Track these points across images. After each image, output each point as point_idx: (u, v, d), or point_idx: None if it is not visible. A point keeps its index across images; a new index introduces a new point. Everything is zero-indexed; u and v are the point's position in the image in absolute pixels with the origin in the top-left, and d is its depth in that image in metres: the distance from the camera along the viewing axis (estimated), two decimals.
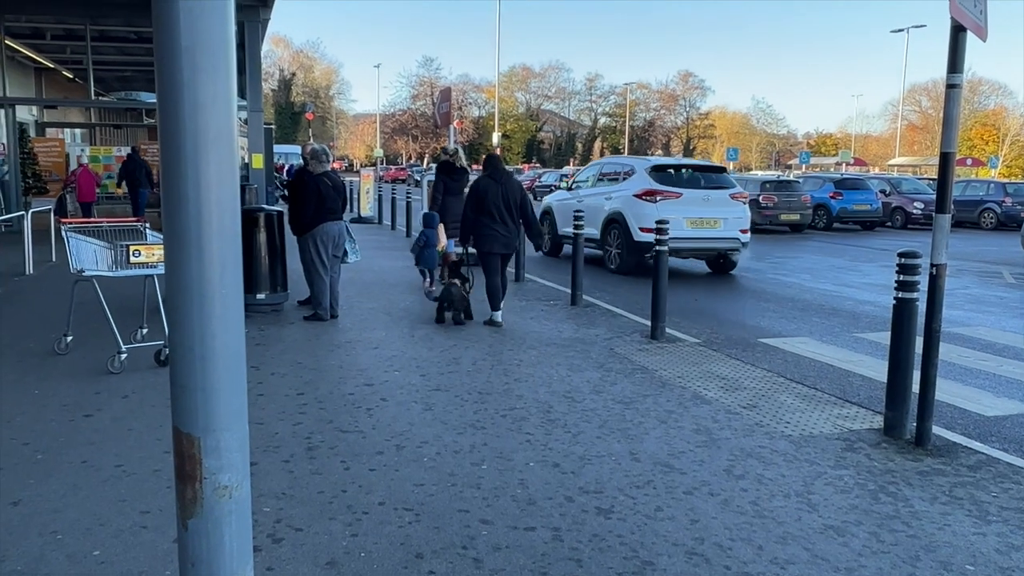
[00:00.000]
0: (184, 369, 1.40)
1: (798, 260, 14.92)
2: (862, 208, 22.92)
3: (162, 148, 1.37)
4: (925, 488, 4.09)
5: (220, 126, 1.37)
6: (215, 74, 1.35)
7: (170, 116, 1.35)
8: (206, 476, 1.41)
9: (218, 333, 1.40)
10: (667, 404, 5.44)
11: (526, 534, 3.47)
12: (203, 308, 1.39)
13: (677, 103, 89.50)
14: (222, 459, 1.42)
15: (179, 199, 1.36)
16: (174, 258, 1.38)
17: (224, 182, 1.39)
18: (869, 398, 5.75)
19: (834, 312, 9.30)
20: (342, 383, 5.78)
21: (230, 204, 1.40)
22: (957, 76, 4.38)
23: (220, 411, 1.42)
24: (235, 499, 1.45)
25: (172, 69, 1.33)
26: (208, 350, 1.40)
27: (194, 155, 1.36)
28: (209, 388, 1.40)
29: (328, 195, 7.90)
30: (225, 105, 1.38)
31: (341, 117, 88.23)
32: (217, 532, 1.43)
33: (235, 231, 1.42)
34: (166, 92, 1.34)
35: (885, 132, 78.71)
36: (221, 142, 1.37)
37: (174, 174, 1.36)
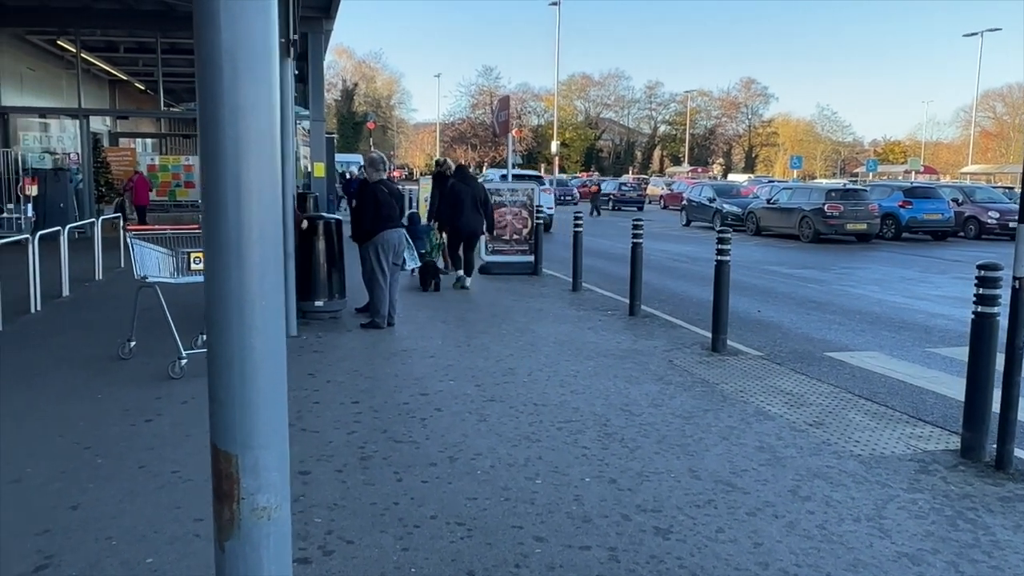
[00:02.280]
0: (222, 383, 1.34)
1: (866, 271, 14.44)
2: (933, 217, 22.12)
3: (201, 153, 1.32)
4: (1008, 515, 3.84)
5: (261, 130, 1.31)
6: (256, 77, 1.30)
7: (210, 120, 1.30)
8: (243, 496, 1.35)
9: (258, 346, 1.34)
10: (728, 419, 5.26)
11: (581, 553, 3.36)
12: (243, 319, 1.33)
13: (739, 111, 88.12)
14: (260, 478, 1.36)
15: (218, 205, 1.31)
16: (213, 267, 1.33)
17: (265, 188, 1.33)
18: (944, 417, 5.47)
19: (904, 325, 8.94)
20: (397, 392, 5.75)
21: (271, 211, 1.34)
22: None
23: (259, 428, 1.36)
24: (274, 521, 1.38)
25: (212, 71, 1.28)
26: (247, 364, 1.34)
27: (235, 160, 1.30)
28: (248, 403, 1.34)
29: (386, 203, 7.91)
30: (267, 109, 1.32)
31: (402, 126, 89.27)
32: (255, 555, 1.37)
33: (276, 239, 1.36)
34: (206, 95, 1.29)
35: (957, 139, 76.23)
36: (262, 147, 1.31)
37: (214, 180, 1.31)
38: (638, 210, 37.30)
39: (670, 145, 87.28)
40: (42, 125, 19.25)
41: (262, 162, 1.32)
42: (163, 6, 16.76)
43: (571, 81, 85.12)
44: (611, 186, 41.19)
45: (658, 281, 12.43)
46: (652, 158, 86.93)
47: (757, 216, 23.10)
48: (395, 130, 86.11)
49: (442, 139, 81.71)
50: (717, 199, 26.27)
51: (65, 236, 9.55)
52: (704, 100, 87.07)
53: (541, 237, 12.75)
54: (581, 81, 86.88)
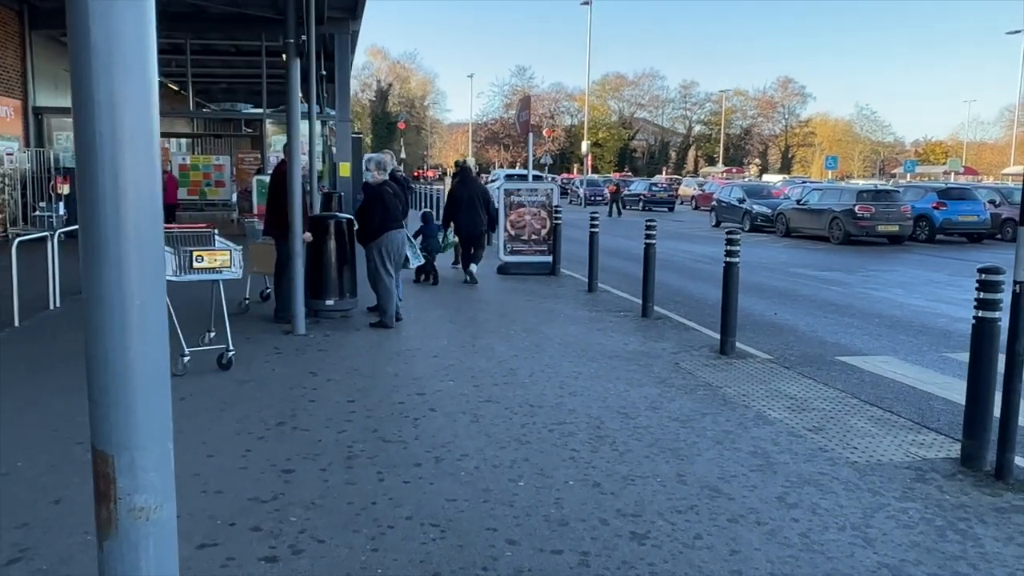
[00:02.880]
0: (98, 384, 1.33)
1: (892, 273, 14.16)
2: (968, 219, 21.61)
3: (76, 150, 1.31)
4: (1001, 527, 3.73)
5: (136, 126, 1.30)
6: (129, 71, 1.28)
7: (83, 115, 1.29)
8: (120, 496, 1.35)
9: (134, 346, 1.33)
10: (726, 424, 5.17)
11: (552, 557, 3.32)
12: (122, 319, 1.33)
13: (775, 110, 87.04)
14: (137, 479, 1.35)
15: (95, 204, 1.30)
16: (90, 266, 1.32)
17: (143, 185, 1.32)
18: (950, 424, 5.33)
19: (924, 329, 8.74)
20: (395, 391, 5.75)
21: (150, 209, 1.34)
22: None
23: (137, 429, 1.35)
24: (153, 521, 1.38)
25: (84, 66, 1.27)
26: (123, 364, 1.33)
27: (111, 157, 1.30)
28: (125, 404, 1.34)
29: (391, 204, 7.93)
30: (143, 103, 1.31)
31: (436, 127, 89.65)
32: (133, 556, 1.36)
33: (156, 237, 1.35)
34: (78, 89, 1.29)
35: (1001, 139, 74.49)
36: (138, 143, 1.31)
37: (89, 177, 1.30)
38: (668, 211, 37.05)
39: (705, 145, 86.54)
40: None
41: (138, 161, 1.31)
42: (193, 8, 17.02)
43: (605, 81, 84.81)
44: (641, 186, 40.94)
45: (678, 282, 12.31)
46: (687, 158, 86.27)
47: (787, 217, 22.78)
48: (429, 130, 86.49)
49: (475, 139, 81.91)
50: (747, 200, 25.96)
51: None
52: (740, 100, 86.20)
53: (560, 237, 12.69)
54: (615, 81, 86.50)
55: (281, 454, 4.42)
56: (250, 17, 16.99)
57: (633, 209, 37.55)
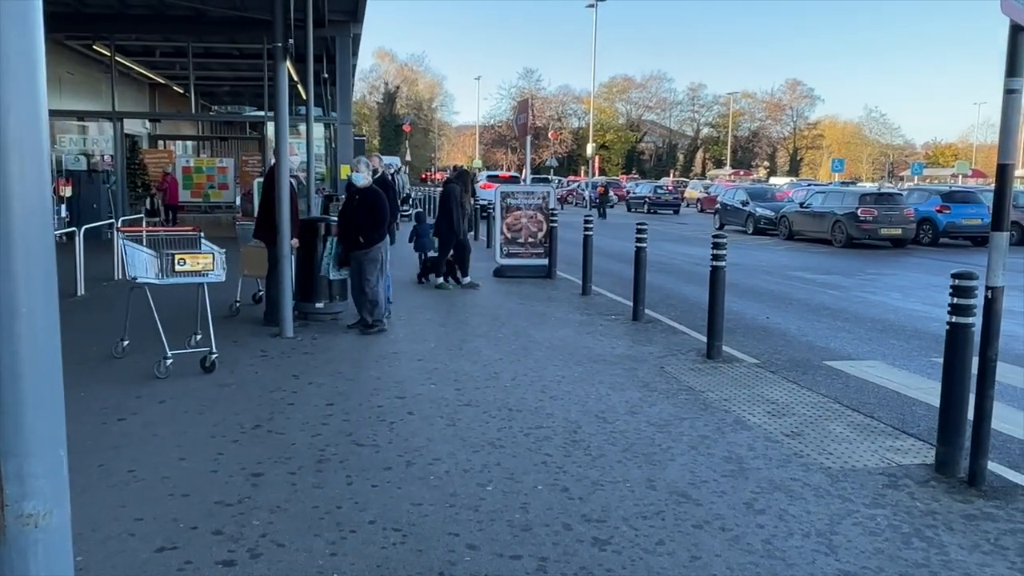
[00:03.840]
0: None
1: (892, 277, 14.09)
2: (972, 223, 21.46)
3: None
4: (967, 534, 3.70)
5: (21, 129, 1.31)
6: (15, 74, 1.29)
7: None
8: (7, 503, 1.35)
9: (24, 353, 1.34)
10: (704, 428, 5.16)
11: (510, 563, 3.32)
12: (11, 328, 1.33)
13: (784, 113, 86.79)
14: (25, 486, 1.35)
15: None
16: None
17: (30, 193, 1.32)
18: (929, 430, 5.28)
19: (916, 334, 8.69)
20: (375, 395, 5.76)
21: (38, 214, 1.34)
22: (1015, 80, 3.97)
23: (24, 436, 1.35)
24: (42, 528, 1.38)
25: None
26: (12, 372, 1.33)
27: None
28: (12, 412, 1.34)
29: (390, 208, 7.93)
30: (29, 107, 1.31)
31: (443, 129, 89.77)
32: (22, 562, 1.36)
33: (46, 244, 1.35)
34: None
35: None
36: (24, 146, 1.31)
37: None
38: (674, 213, 37.00)
39: (713, 148, 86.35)
40: (80, 128, 19.74)
41: (25, 162, 1.31)
42: (193, 11, 17.08)
43: (612, 83, 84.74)
44: (646, 189, 40.90)
45: (675, 286, 12.29)
46: (694, 161, 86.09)
47: (790, 220, 22.71)
48: (436, 133, 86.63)
49: (481, 141, 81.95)
50: (750, 202, 25.88)
51: (81, 236, 9.78)
52: (748, 102, 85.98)
53: (556, 240, 12.69)
54: (622, 83, 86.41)
55: (253, 458, 4.43)
56: (251, 20, 17.05)
57: (639, 211, 37.51)
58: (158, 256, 5.91)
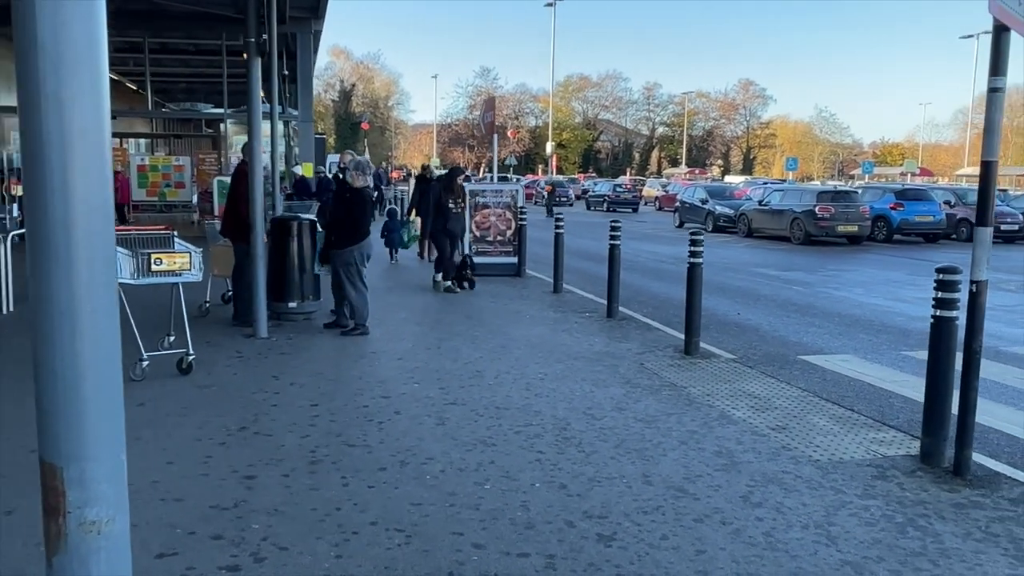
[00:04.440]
0: (47, 392, 1.29)
1: (852, 273, 14.38)
2: (925, 220, 22.04)
3: (23, 149, 1.26)
4: (959, 522, 3.79)
5: (86, 123, 1.25)
6: (78, 67, 1.24)
7: (30, 113, 1.24)
8: (70, 510, 1.30)
9: (86, 352, 1.29)
10: (691, 424, 5.20)
11: (518, 560, 3.30)
12: (71, 325, 1.28)
13: (737, 112, 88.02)
14: (88, 491, 1.30)
15: (43, 203, 1.25)
16: (38, 269, 1.27)
17: (93, 184, 1.27)
18: (909, 422, 5.41)
19: (883, 328, 8.88)
20: (359, 395, 5.69)
21: (101, 209, 1.29)
22: (999, 79, 4.07)
23: (87, 439, 1.30)
24: (105, 535, 1.33)
25: (30, 62, 1.22)
26: (74, 372, 1.28)
27: (59, 155, 1.25)
28: (75, 414, 1.29)
29: (371, 208, 7.85)
30: (92, 100, 1.26)
31: (400, 127, 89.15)
32: (84, 572, 1.32)
33: (107, 238, 1.30)
34: (25, 87, 1.23)
35: (956, 141, 76.11)
36: (87, 140, 1.26)
37: (37, 177, 1.25)
38: (633, 211, 37.26)
39: (668, 147, 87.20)
40: None
41: (88, 159, 1.26)
42: (152, 5, 16.69)
43: (568, 82, 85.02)
44: (606, 187, 41.16)
45: (642, 283, 12.37)
46: (650, 159, 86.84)
47: (749, 218, 23.05)
48: (393, 131, 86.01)
49: (439, 140, 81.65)
50: (710, 200, 26.21)
51: None
52: (702, 102, 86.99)
53: (525, 238, 12.69)
54: (579, 82, 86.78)
55: (243, 460, 4.34)
56: (210, 16, 16.73)
57: (598, 210, 37.72)
58: (133, 255, 5.75)
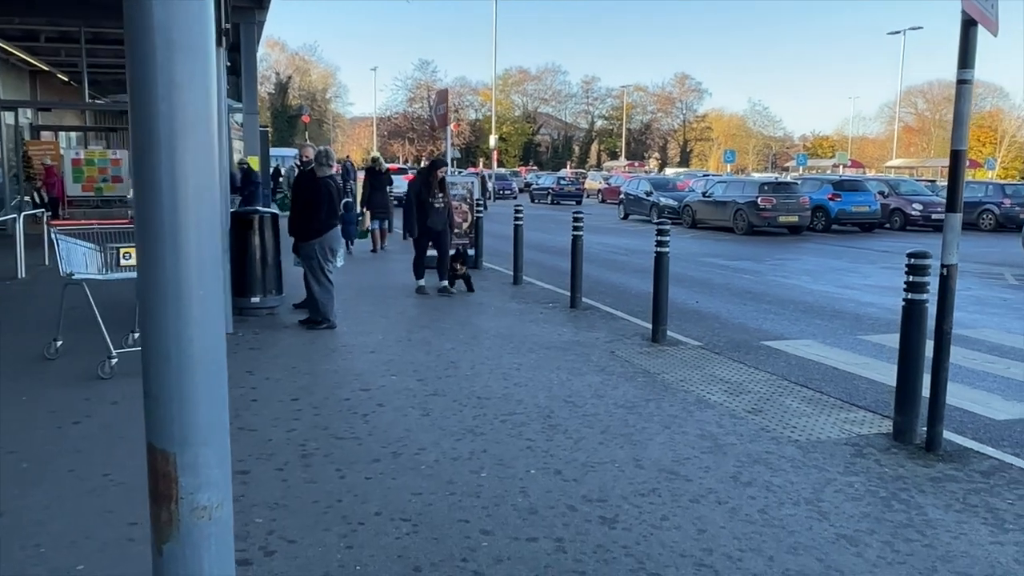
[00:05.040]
0: (158, 378, 1.27)
1: (798, 262, 14.80)
2: (861, 210, 22.79)
3: (133, 133, 1.25)
4: (939, 495, 3.97)
5: (198, 108, 1.25)
6: (192, 51, 1.23)
7: (142, 97, 1.22)
8: (183, 496, 1.29)
9: (196, 338, 1.28)
10: (670, 409, 5.31)
11: (528, 545, 3.35)
12: (179, 311, 1.27)
13: (674, 105, 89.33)
14: (200, 476, 1.30)
15: (152, 188, 1.24)
16: (147, 256, 1.26)
17: (202, 171, 1.26)
18: (876, 402, 5.62)
19: (836, 314, 9.18)
20: (338, 388, 5.65)
21: (209, 194, 1.28)
22: (967, 72, 4.26)
23: (198, 423, 1.30)
24: (215, 520, 1.33)
25: (144, 45, 1.21)
26: (185, 357, 1.27)
27: (169, 139, 1.24)
28: (186, 399, 1.28)
29: (336, 200, 7.74)
30: (203, 85, 1.26)
31: (338, 120, 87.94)
32: (195, 557, 1.31)
33: (214, 224, 1.29)
34: (138, 71, 1.22)
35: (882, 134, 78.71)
36: (199, 126, 1.25)
37: (147, 161, 1.24)
38: (576, 204, 37.50)
39: (607, 140, 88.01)
40: None
41: (199, 141, 1.25)
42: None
43: (508, 75, 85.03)
44: (550, 180, 41.38)
45: (598, 274, 12.50)
46: (590, 152, 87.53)
47: (693, 209, 23.47)
48: (331, 124, 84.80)
49: (379, 133, 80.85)
50: (654, 193, 26.59)
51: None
52: (640, 95, 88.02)
53: (482, 231, 12.70)
54: (518, 75, 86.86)
55: (233, 455, 4.25)
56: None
57: (542, 203, 37.92)
58: (100, 250, 5.59)
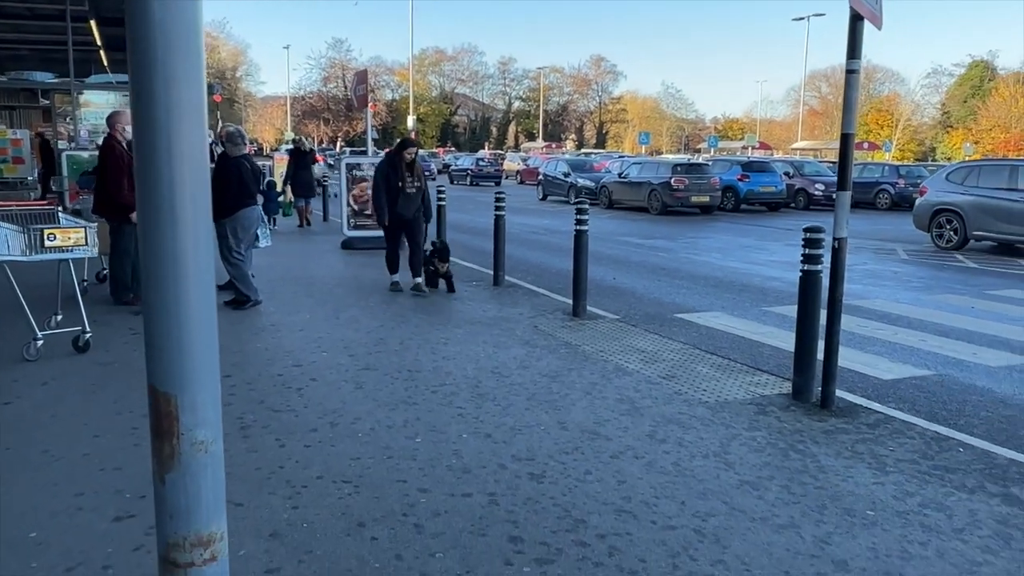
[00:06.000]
0: (160, 330, 1.47)
1: (709, 240, 15.46)
2: (768, 190, 23.81)
3: (135, 122, 1.43)
4: (830, 445, 4.42)
5: (192, 100, 1.44)
6: (187, 49, 1.42)
7: (144, 90, 1.41)
8: (183, 432, 1.49)
9: (192, 295, 1.48)
10: (591, 376, 5.65)
11: (464, 500, 3.61)
12: (177, 271, 1.46)
13: (590, 87, 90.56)
14: (198, 415, 1.50)
15: (152, 170, 1.43)
16: (148, 225, 1.45)
17: (196, 154, 1.46)
18: (778, 366, 6.10)
19: (744, 288, 9.74)
20: (270, 365, 5.78)
21: (201, 174, 1.48)
22: (855, 62, 4.69)
23: (196, 370, 1.50)
24: (211, 454, 1.53)
25: (145, 44, 1.39)
26: (184, 310, 1.47)
27: (167, 128, 1.42)
28: (184, 348, 1.48)
29: (248, 179, 7.78)
30: (196, 79, 1.45)
31: (249, 100, 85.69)
32: (195, 485, 1.52)
33: (206, 200, 1.49)
34: (140, 66, 1.40)
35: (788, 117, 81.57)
36: (193, 116, 1.45)
37: (148, 146, 1.43)
38: (495, 185, 37.81)
39: (524, 121, 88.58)
40: None
41: (193, 129, 1.44)
42: None
43: (424, 56, 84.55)
44: (468, 162, 41.53)
45: (519, 253, 12.81)
46: (507, 134, 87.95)
47: (610, 190, 24.05)
48: (242, 103, 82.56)
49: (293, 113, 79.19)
50: (572, 174, 27.10)
51: None
52: (556, 77, 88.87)
53: None
54: (434, 56, 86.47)
55: None
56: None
57: (461, 184, 38.06)
58: (24, 231, 5.54)
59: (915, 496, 3.77)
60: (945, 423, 4.89)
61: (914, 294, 9.58)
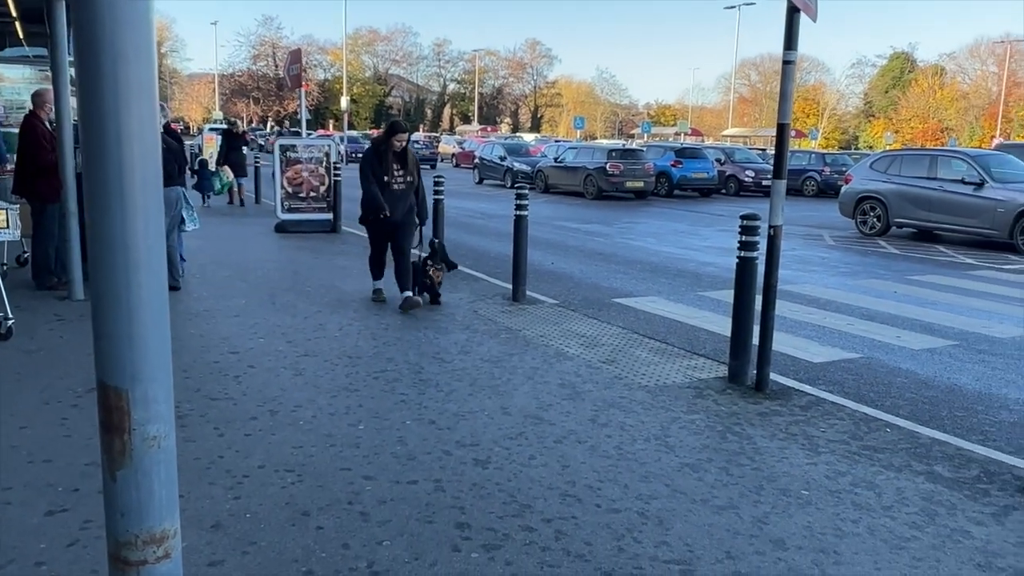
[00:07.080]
0: (110, 318, 1.42)
1: (643, 225, 15.67)
2: (700, 176, 24.24)
3: (81, 101, 1.37)
4: (765, 427, 4.54)
5: (142, 78, 1.39)
6: (136, 25, 1.37)
7: (90, 68, 1.35)
8: (135, 427, 1.45)
9: (144, 283, 1.43)
10: (532, 361, 5.68)
11: (409, 487, 3.60)
12: (127, 258, 1.42)
13: (525, 71, 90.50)
14: (150, 410, 1.46)
15: (101, 151, 1.38)
16: (98, 209, 1.40)
17: (146, 134, 1.41)
18: (714, 350, 6.23)
19: (679, 273, 9.92)
20: (205, 352, 5.65)
21: (153, 156, 1.43)
22: (791, 53, 4.79)
23: (147, 362, 1.45)
24: (163, 449, 1.49)
25: (92, 20, 1.34)
26: (135, 300, 1.43)
27: (114, 108, 1.37)
28: (135, 339, 1.43)
29: (164, 159, 7.48)
30: (147, 56, 1.39)
31: (175, 77, 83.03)
32: (147, 482, 1.47)
33: (157, 183, 1.45)
34: (86, 42, 1.35)
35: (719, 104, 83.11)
36: (143, 95, 1.39)
37: (95, 127, 1.37)
38: (431, 168, 37.54)
39: (460, 104, 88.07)
40: None
41: (143, 109, 1.39)
42: None
43: (357, 35, 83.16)
44: None
45: (457, 237, 12.75)
46: (442, 116, 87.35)
47: (546, 174, 24.14)
48: (168, 80, 79.92)
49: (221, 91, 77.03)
50: (508, 157, 27.09)
51: None
52: (492, 60, 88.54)
53: (340, 194, 12.64)
54: (368, 35, 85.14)
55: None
56: None
57: None
58: None
59: (846, 475, 3.91)
60: (872, 404, 5.08)
61: (841, 279, 9.90)
